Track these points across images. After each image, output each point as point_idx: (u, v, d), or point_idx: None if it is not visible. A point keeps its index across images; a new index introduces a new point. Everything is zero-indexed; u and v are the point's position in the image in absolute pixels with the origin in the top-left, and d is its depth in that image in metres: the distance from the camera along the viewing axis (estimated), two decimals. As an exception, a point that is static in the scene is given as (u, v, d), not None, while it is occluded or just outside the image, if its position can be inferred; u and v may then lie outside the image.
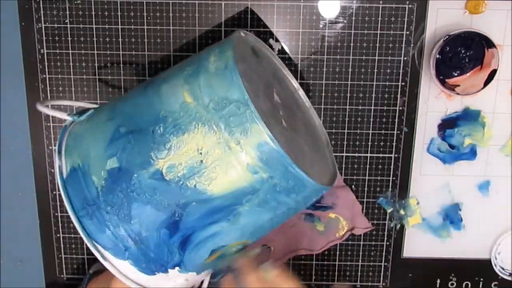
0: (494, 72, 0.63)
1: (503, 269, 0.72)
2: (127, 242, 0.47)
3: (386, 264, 0.74)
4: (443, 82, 0.64)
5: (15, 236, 0.73)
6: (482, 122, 0.68)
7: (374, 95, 0.68)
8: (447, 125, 0.68)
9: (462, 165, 0.70)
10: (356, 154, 0.70)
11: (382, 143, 0.69)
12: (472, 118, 0.68)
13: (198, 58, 0.51)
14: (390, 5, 0.65)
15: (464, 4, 0.64)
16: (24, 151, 0.70)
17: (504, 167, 0.70)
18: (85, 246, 0.73)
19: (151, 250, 0.48)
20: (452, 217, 0.71)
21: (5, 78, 0.68)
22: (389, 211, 0.72)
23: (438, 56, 0.63)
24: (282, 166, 0.45)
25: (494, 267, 0.72)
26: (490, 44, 0.62)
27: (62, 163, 0.50)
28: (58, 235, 0.73)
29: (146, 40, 0.66)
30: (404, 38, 0.66)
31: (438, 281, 0.74)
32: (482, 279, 0.73)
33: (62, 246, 0.73)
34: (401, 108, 0.68)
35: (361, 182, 0.71)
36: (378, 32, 0.66)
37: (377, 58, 0.67)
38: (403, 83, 0.67)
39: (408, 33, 0.66)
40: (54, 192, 0.71)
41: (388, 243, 0.73)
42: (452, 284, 0.74)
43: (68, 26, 0.66)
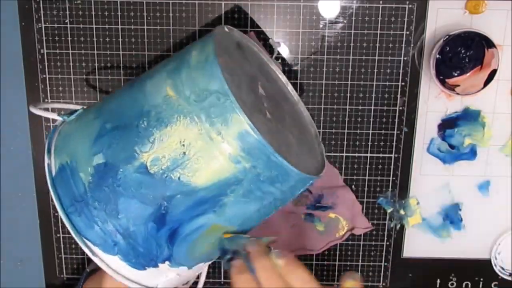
0: (494, 72, 0.63)
1: (503, 269, 0.72)
2: (116, 237, 0.48)
3: (386, 264, 0.74)
4: (443, 82, 0.64)
5: (15, 236, 0.73)
6: (482, 122, 0.68)
7: (374, 95, 0.68)
8: (447, 125, 0.68)
9: (462, 165, 0.70)
10: (356, 154, 0.70)
11: (382, 143, 0.69)
12: (472, 118, 0.68)
13: (181, 53, 0.51)
14: (390, 5, 0.65)
15: (464, 4, 0.64)
16: (24, 151, 0.70)
17: (504, 167, 0.70)
18: (85, 246, 0.73)
19: (140, 245, 0.48)
20: (452, 217, 0.71)
21: (5, 78, 0.68)
22: (389, 211, 0.72)
23: (438, 56, 0.63)
24: (264, 155, 0.45)
25: (494, 267, 0.72)
26: (490, 44, 0.62)
27: (51, 162, 0.51)
28: (58, 235, 0.73)
29: (146, 40, 0.66)
30: (404, 38, 0.66)
31: (438, 281, 0.74)
32: (482, 279, 0.73)
33: (62, 246, 0.73)
34: (401, 108, 0.68)
35: (361, 182, 0.71)
36: (378, 32, 0.66)
37: (377, 58, 0.67)
38: (403, 83, 0.67)
39: (408, 33, 0.66)
40: (54, 192, 0.71)
41: (388, 243, 0.73)
42: (452, 284, 0.74)
43: (68, 26, 0.66)
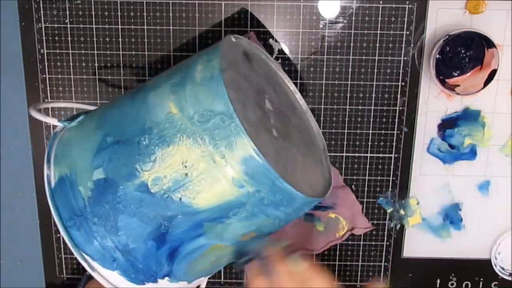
0: (494, 72, 0.63)
1: (503, 269, 0.72)
2: (115, 253, 0.47)
3: (386, 264, 0.74)
4: (443, 82, 0.64)
5: (15, 236, 0.73)
6: (482, 122, 0.68)
7: (374, 95, 0.68)
8: (447, 125, 0.68)
9: (462, 165, 0.70)
10: (356, 154, 0.70)
11: (382, 143, 0.69)
12: (472, 118, 0.68)
13: (186, 65, 0.50)
14: (390, 5, 0.65)
15: (464, 4, 0.64)
16: (24, 151, 0.70)
17: (504, 167, 0.70)
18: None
19: (139, 261, 0.47)
20: (452, 217, 0.71)
21: (5, 78, 0.68)
22: (389, 211, 0.72)
23: (438, 56, 0.63)
24: (268, 180, 0.44)
25: (494, 267, 0.72)
26: (490, 44, 0.62)
27: (50, 172, 0.50)
28: (58, 235, 0.73)
29: (146, 40, 0.66)
30: (404, 38, 0.66)
31: (438, 281, 0.74)
32: (482, 279, 0.73)
33: (62, 246, 0.73)
34: (401, 108, 0.68)
35: (361, 182, 0.71)
36: (378, 32, 0.66)
37: (377, 58, 0.67)
38: (403, 83, 0.67)
39: (408, 33, 0.66)
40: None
41: (388, 243, 0.73)
42: (452, 284, 0.74)
43: (68, 26, 0.66)
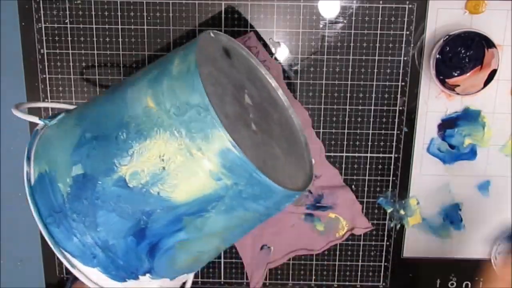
0: (494, 72, 0.63)
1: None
2: (95, 249, 0.47)
3: (386, 264, 0.74)
4: (443, 82, 0.64)
5: (15, 236, 0.73)
6: (482, 122, 0.68)
7: (374, 95, 0.68)
8: (447, 125, 0.68)
9: (462, 165, 0.70)
10: (356, 154, 0.70)
11: (382, 143, 0.69)
12: (472, 118, 0.68)
13: (164, 60, 0.50)
14: (390, 5, 0.65)
15: (464, 4, 0.64)
16: (24, 151, 0.70)
17: (504, 167, 0.70)
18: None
19: (120, 258, 0.47)
20: (452, 217, 0.71)
21: (5, 78, 0.68)
22: (389, 211, 0.72)
23: (438, 56, 0.63)
24: (246, 173, 0.44)
25: (494, 267, 0.72)
26: (490, 44, 0.62)
27: (30, 169, 0.50)
28: (58, 235, 0.73)
29: (146, 40, 0.66)
30: (404, 38, 0.66)
31: (438, 281, 0.74)
32: (482, 279, 0.73)
33: (62, 246, 0.73)
34: (401, 108, 0.68)
35: (361, 182, 0.71)
36: (378, 32, 0.66)
37: (377, 58, 0.67)
38: (403, 83, 0.67)
39: (408, 33, 0.66)
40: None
41: (388, 243, 0.73)
42: (452, 284, 0.74)
43: (68, 26, 0.66)
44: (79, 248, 0.47)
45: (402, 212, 0.71)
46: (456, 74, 0.65)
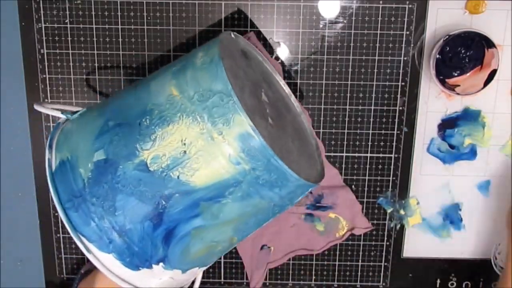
0: (494, 72, 0.63)
1: (503, 269, 0.72)
2: (112, 234, 0.47)
3: (386, 264, 0.74)
4: (443, 82, 0.64)
5: (15, 236, 0.73)
6: (482, 122, 0.68)
7: (374, 95, 0.68)
8: (447, 125, 0.68)
9: (462, 165, 0.70)
10: (356, 154, 0.70)
11: (382, 143, 0.69)
12: (472, 118, 0.68)
13: (187, 55, 0.52)
14: (390, 5, 0.65)
15: (464, 4, 0.64)
16: (24, 151, 0.70)
17: (504, 167, 0.70)
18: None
19: (135, 244, 0.48)
20: (452, 217, 0.71)
21: (5, 78, 0.68)
22: (389, 211, 0.72)
23: (438, 56, 0.63)
24: (264, 158, 0.45)
25: (494, 267, 0.72)
26: (490, 44, 0.62)
27: (52, 157, 0.51)
28: (58, 235, 0.73)
29: (146, 40, 0.66)
30: (404, 38, 0.66)
31: (438, 281, 0.74)
32: (482, 279, 0.73)
33: (62, 246, 0.73)
34: (401, 108, 0.68)
35: (361, 182, 0.71)
36: (378, 32, 0.66)
37: (377, 58, 0.67)
38: (403, 83, 0.67)
39: (408, 33, 0.66)
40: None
41: (388, 243, 0.73)
42: (452, 284, 0.74)
43: (68, 26, 0.66)
44: (96, 232, 0.48)
45: (402, 212, 0.71)
46: (456, 74, 0.65)
